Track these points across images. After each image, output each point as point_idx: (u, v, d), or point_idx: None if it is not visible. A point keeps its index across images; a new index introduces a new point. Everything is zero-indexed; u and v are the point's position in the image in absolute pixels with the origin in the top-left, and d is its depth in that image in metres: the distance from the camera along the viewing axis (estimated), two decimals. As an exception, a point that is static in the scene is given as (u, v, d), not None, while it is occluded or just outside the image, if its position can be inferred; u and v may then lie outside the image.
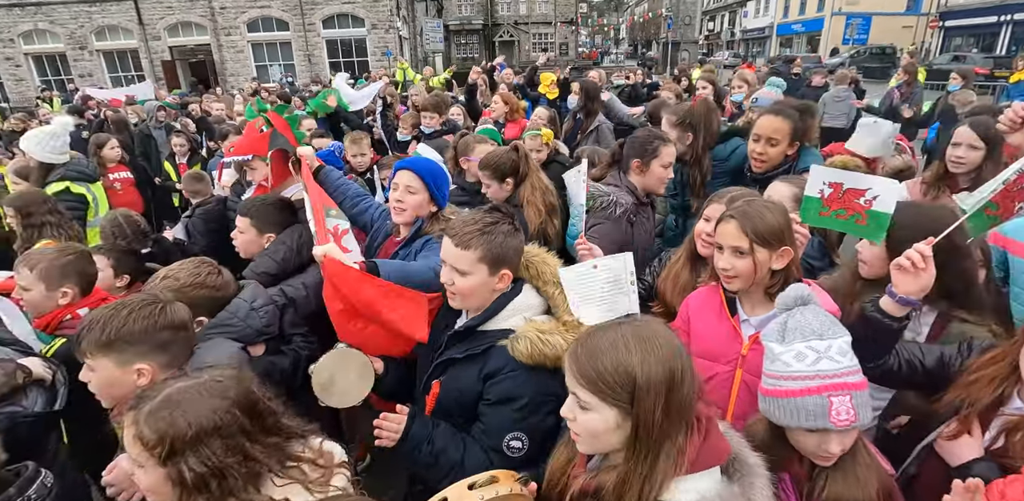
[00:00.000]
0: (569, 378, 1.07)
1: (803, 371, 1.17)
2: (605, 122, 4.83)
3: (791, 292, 1.27)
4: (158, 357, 1.44)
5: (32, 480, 1.22)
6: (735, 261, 1.56)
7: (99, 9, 22.70)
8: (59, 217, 3.01)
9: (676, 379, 1.00)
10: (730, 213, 1.58)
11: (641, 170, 2.50)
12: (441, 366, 1.60)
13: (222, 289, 1.91)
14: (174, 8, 22.92)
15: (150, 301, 1.48)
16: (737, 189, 2.01)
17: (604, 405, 1.02)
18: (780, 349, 1.21)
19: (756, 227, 1.53)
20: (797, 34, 38.47)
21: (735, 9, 46.71)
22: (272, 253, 2.35)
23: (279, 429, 1.16)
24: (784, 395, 1.17)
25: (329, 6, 23.46)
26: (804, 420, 1.15)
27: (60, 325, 2.01)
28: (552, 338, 1.46)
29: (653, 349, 1.01)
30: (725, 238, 1.58)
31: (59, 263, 2.02)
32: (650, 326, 1.07)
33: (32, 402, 1.58)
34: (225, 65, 23.64)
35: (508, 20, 38.42)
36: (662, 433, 1.00)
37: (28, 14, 22.58)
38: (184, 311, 1.53)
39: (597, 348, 1.04)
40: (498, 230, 1.51)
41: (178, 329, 1.48)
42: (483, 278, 1.51)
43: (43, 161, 3.77)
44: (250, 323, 1.89)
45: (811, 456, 1.22)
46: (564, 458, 1.22)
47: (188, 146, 5.71)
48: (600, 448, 1.10)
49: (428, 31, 28.76)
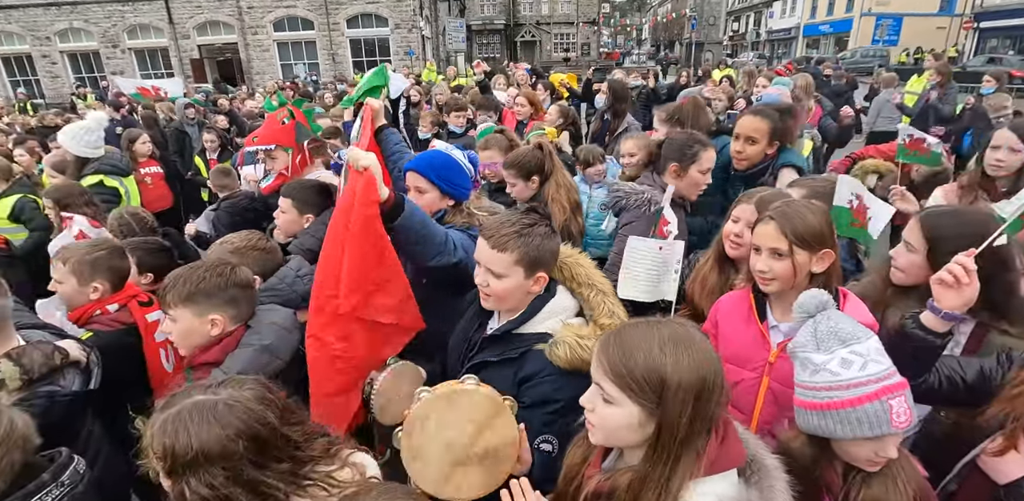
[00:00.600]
0: (596, 368, 1.06)
1: (856, 378, 1.12)
2: (634, 123, 4.82)
3: (811, 299, 1.23)
4: (228, 310, 1.67)
5: (65, 466, 1.23)
6: (773, 263, 1.51)
7: (131, 8, 23.30)
8: (94, 209, 3.08)
9: (706, 387, 0.98)
10: (769, 214, 1.53)
11: (678, 174, 2.41)
12: (474, 368, 1.57)
13: (271, 252, 2.15)
14: (203, 7, 23.42)
15: (222, 263, 1.73)
16: (765, 189, 1.97)
17: (629, 401, 1.00)
18: (822, 358, 1.16)
19: (796, 228, 1.48)
20: (824, 35, 37.74)
21: (761, 10, 45.98)
22: (314, 232, 2.44)
23: (294, 456, 1.12)
24: (842, 406, 1.12)
25: (353, 6, 23.73)
26: (868, 429, 1.10)
27: (90, 319, 2.04)
28: (590, 343, 1.42)
29: (687, 354, 0.99)
30: (763, 239, 1.53)
31: (90, 258, 2.04)
32: (687, 330, 1.04)
33: (69, 382, 1.61)
34: (251, 63, 24.06)
35: (530, 20, 38.44)
36: (685, 438, 0.98)
37: (64, 13, 23.26)
38: (248, 274, 1.75)
39: (631, 344, 1.02)
40: (535, 232, 1.49)
41: (244, 287, 1.72)
42: (519, 281, 1.49)
43: (78, 155, 3.88)
44: (296, 289, 2.05)
45: (860, 463, 1.18)
46: (579, 456, 1.21)
47: (218, 142, 5.82)
48: (614, 442, 1.09)
49: (451, 31, 28.90)
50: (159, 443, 1.03)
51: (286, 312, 1.85)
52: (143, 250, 2.50)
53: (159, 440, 1.04)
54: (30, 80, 24.06)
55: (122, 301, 2.09)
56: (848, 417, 1.12)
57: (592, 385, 1.08)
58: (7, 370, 1.49)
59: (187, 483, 1.02)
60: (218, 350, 1.67)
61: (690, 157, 2.38)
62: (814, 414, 1.17)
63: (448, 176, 2.08)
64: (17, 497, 1.13)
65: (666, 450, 0.98)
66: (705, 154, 2.40)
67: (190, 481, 1.02)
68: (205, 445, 1.02)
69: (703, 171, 2.42)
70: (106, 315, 2.04)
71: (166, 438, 1.03)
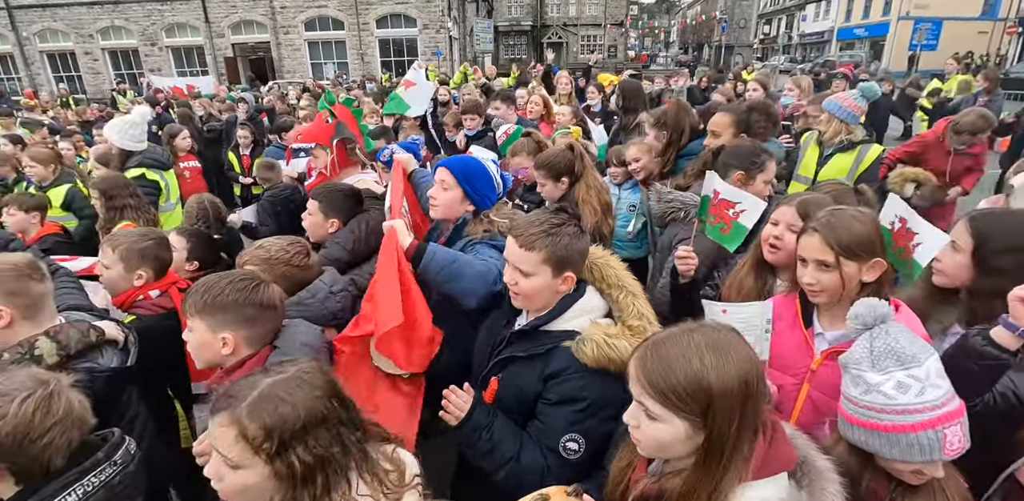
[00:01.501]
0: (636, 387, 1.03)
1: (912, 404, 1.08)
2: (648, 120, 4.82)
3: (866, 309, 1.18)
4: (242, 330, 1.52)
5: (118, 446, 1.29)
6: (820, 275, 1.47)
7: (169, 7, 23.98)
8: (138, 201, 3.20)
9: (751, 389, 0.97)
10: (813, 225, 1.49)
11: (743, 183, 2.31)
12: (501, 363, 1.60)
13: (305, 270, 1.97)
14: (238, 7, 23.96)
15: (249, 278, 1.57)
16: (806, 193, 1.94)
17: (675, 417, 0.98)
18: (877, 379, 1.12)
19: (842, 239, 1.44)
20: (859, 39, 36.82)
21: (793, 12, 45.12)
22: (343, 241, 2.45)
23: (363, 424, 1.17)
24: (894, 430, 1.09)
25: (383, 6, 24.02)
26: (918, 455, 1.08)
27: (133, 304, 2.13)
28: (618, 342, 1.44)
29: (728, 360, 0.97)
30: (808, 251, 1.49)
31: (138, 247, 2.14)
32: (722, 334, 1.02)
33: (108, 360, 1.68)
34: (283, 62, 24.53)
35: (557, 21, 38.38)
36: (734, 444, 0.97)
37: (106, 11, 24.05)
38: (277, 294, 1.59)
39: (669, 359, 0.99)
40: (563, 232, 1.49)
41: (265, 308, 1.55)
42: (546, 280, 1.50)
43: (123, 148, 4.02)
44: (327, 306, 1.95)
45: (904, 477, 1.15)
46: (625, 461, 1.21)
47: (251, 138, 5.97)
48: (662, 455, 1.07)
49: (478, 31, 29.03)
50: (259, 426, 1.02)
51: (314, 331, 1.75)
52: (197, 238, 2.59)
53: (257, 424, 1.02)
54: (73, 76, 24.94)
55: (163, 287, 2.19)
56: (899, 441, 1.09)
57: (633, 402, 1.06)
58: (44, 346, 1.57)
59: (295, 454, 1.02)
60: (243, 372, 1.47)
61: (758, 166, 2.31)
62: (861, 430, 1.14)
63: (476, 183, 2.09)
64: (74, 474, 1.19)
65: (716, 457, 0.97)
66: (771, 164, 2.35)
67: (298, 451, 1.03)
68: (309, 409, 1.05)
69: (767, 181, 2.35)
70: (148, 300, 2.13)
71: (266, 417, 1.03)
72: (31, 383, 1.18)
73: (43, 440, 1.14)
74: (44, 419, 1.14)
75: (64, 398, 1.20)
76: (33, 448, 1.14)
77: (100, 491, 1.20)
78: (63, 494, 1.15)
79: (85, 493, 1.18)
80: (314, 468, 1.04)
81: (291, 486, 1.04)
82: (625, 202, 3.50)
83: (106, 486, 1.21)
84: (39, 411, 1.14)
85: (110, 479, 1.22)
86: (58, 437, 1.16)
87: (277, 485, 1.05)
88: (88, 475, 1.20)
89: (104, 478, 1.22)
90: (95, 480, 1.20)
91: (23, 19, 23.99)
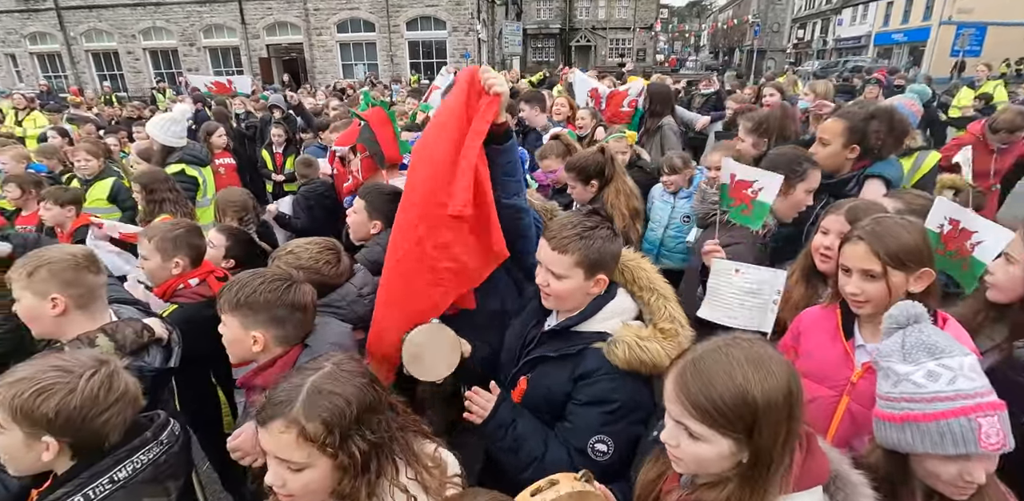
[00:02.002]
0: (675, 407, 1.00)
1: (942, 391, 1.04)
2: (670, 124, 4.77)
3: (903, 310, 1.15)
4: (272, 329, 1.55)
5: (164, 427, 1.34)
6: (865, 285, 1.43)
7: (208, 9, 24.71)
8: (176, 195, 3.32)
9: (794, 403, 0.95)
10: (858, 233, 1.45)
11: (784, 192, 2.22)
12: (530, 363, 1.60)
13: (333, 279, 1.98)
14: (273, 9, 24.57)
15: (283, 277, 1.60)
16: (855, 200, 1.89)
17: (718, 436, 0.96)
18: (906, 369, 1.08)
19: (889, 248, 1.39)
20: (898, 44, 35.82)
21: (829, 16, 44.15)
22: (384, 244, 2.45)
23: (406, 411, 1.20)
24: (924, 419, 1.04)
25: (413, 8, 24.33)
26: (951, 446, 1.02)
27: (174, 294, 2.21)
28: (650, 345, 1.43)
29: (770, 374, 0.94)
30: (853, 260, 1.45)
31: (171, 236, 2.22)
32: (759, 347, 0.99)
33: (152, 359, 1.73)
34: (315, 63, 25.04)
35: (586, 25, 38.31)
36: (780, 459, 0.95)
37: (148, 13, 24.92)
38: (309, 295, 1.62)
39: (710, 377, 0.96)
40: (596, 235, 1.49)
41: (296, 309, 1.57)
42: (579, 282, 1.50)
43: (164, 144, 4.16)
44: (355, 309, 1.97)
45: (944, 488, 1.09)
46: (655, 472, 1.19)
47: (285, 136, 6.11)
48: (702, 472, 1.05)
49: (507, 34, 29.17)
50: (319, 423, 1.04)
51: (344, 330, 1.78)
52: (236, 237, 2.66)
53: (317, 421, 1.04)
54: (115, 75, 25.89)
55: (202, 276, 2.26)
56: (928, 430, 1.04)
57: (670, 421, 1.03)
58: (104, 344, 1.62)
59: (354, 443, 1.06)
60: (275, 372, 1.54)
61: (799, 174, 2.22)
62: (893, 427, 1.09)
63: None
64: (125, 450, 1.24)
65: (762, 473, 0.95)
66: (813, 173, 2.25)
67: (356, 440, 1.06)
68: (359, 397, 1.09)
69: (809, 190, 2.26)
70: (188, 289, 2.21)
71: (324, 413, 1.05)
72: (92, 362, 1.23)
73: (104, 416, 1.19)
74: (107, 395, 1.20)
75: (123, 377, 1.26)
76: (95, 423, 1.19)
77: (148, 469, 1.25)
78: (114, 470, 1.20)
79: (135, 469, 1.23)
80: (369, 455, 1.08)
81: (352, 476, 1.07)
82: (679, 212, 3.38)
83: (153, 464, 1.26)
84: (103, 387, 1.19)
85: (157, 458, 1.27)
86: (117, 414, 1.21)
87: (338, 477, 1.08)
88: (138, 452, 1.25)
89: (152, 456, 1.26)
90: (143, 458, 1.25)
91: (71, 19, 25.02)
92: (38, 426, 1.15)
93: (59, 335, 1.68)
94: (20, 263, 1.65)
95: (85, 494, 1.16)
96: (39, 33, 25.53)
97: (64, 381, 1.16)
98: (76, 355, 1.26)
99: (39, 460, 1.19)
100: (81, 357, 1.25)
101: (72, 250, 1.73)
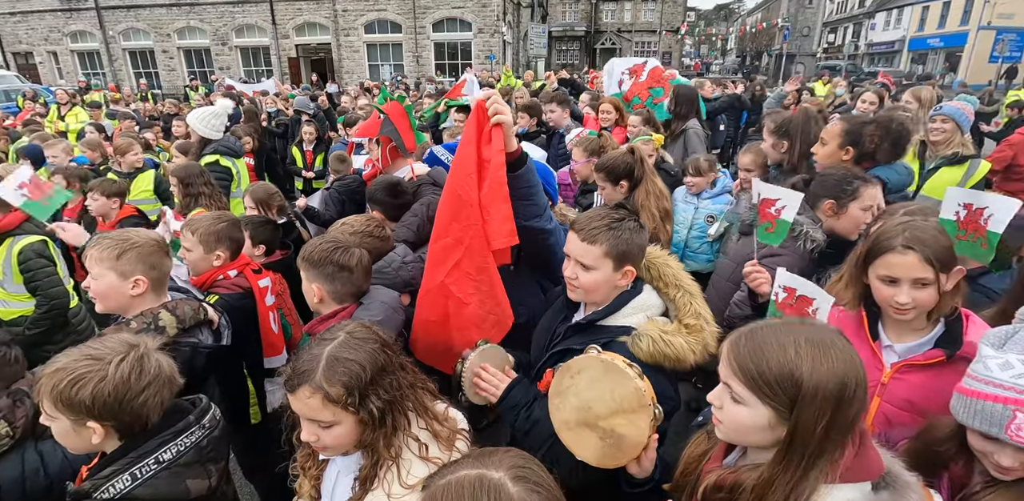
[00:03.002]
0: (724, 367, 1.04)
1: (999, 379, 1.08)
2: (695, 128, 4.70)
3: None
4: (324, 284, 1.81)
5: (206, 411, 1.39)
6: (917, 293, 1.42)
7: (240, 9, 25.31)
8: (211, 189, 3.41)
9: (847, 395, 0.94)
10: (905, 243, 1.42)
11: (834, 211, 2.24)
12: (556, 356, 1.63)
13: (385, 240, 2.28)
14: (303, 10, 25.04)
15: (335, 242, 1.85)
16: (910, 203, 1.87)
17: (759, 403, 0.98)
18: (990, 353, 1.13)
19: (938, 253, 1.39)
20: (933, 49, 34.90)
21: (861, 20, 43.23)
22: (408, 224, 2.63)
23: (414, 371, 1.31)
24: (972, 395, 1.11)
25: (440, 10, 24.55)
26: (979, 423, 1.09)
27: (213, 284, 2.28)
28: (674, 339, 1.45)
29: (827, 358, 0.94)
30: (905, 271, 1.42)
31: (215, 229, 2.30)
32: (826, 332, 1.00)
33: (205, 339, 1.82)
34: (342, 63, 25.44)
35: (611, 27, 38.13)
36: (819, 447, 0.95)
37: (183, 13, 25.63)
38: (356, 258, 1.83)
39: (764, 344, 0.99)
40: (624, 226, 1.52)
41: (342, 268, 1.80)
42: (607, 273, 1.52)
43: (203, 136, 4.31)
44: (401, 274, 2.19)
45: (988, 465, 1.14)
46: (700, 450, 1.21)
47: (315, 134, 6.24)
48: (741, 441, 1.08)
49: (533, 36, 29.21)
50: (340, 386, 1.16)
51: (392, 293, 1.99)
52: (254, 224, 2.76)
53: (338, 385, 1.16)
54: (151, 72, 26.68)
55: (239, 268, 2.34)
56: (971, 405, 1.10)
57: (720, 384, 1.07)
58: (166, 318, 1.71)
59: (371, 402, 1.18)
60: (335, 322, 1.75)
61: (850, 194, 2.21)
62: (955, 395, 1.15)
63: (547, 178, 2.23)
64: (170, 433, 1.29)
65: (798, 455, 0.96)
66: (867, 190, 2.21)
67: (372, 400, 1.18)
68: (371, 361, 1.19)
69: (865, 208, 2.21)
70: (228, 280, 2.28)
71: (342, 377, 1.16)
72: (122, 347, 1.28)
73: (140, 399, 1.25)
74: (139, 379, 1.25)
75: (154, 359, 1.31)
76: (132, 406, 1.24)
77: (191, 452, 1.30)
78: (160, 451, 1.26)
79: (178, 452, 1.28)
80: (384, 411, 1.19)
81: (372, 428, 1.19)
82: (703, 212, 3.40)
83: (196, 447, 1.31)
84: (133, 372, 1.25)
85: (199, 441, 1.32)
86: (152, 396, 1.27)
87: (361, 430, 1.20)
88: (181, 435, 1.30)
89: (194, 439, 1.31)
90: (187, 441, 1.30)
91: (109, 19, 25.87)
92: (80, 413, 1.22)
93: (125, 312, 1.78)
94: (105, 244, 1.73)
95: (132, 473, 1.23)
96: (80, 32, 26.45)
97: (96, 369, 1.22)
98: (105, 342, 1.31)
99: (90, 442, 1.26)
100: (110, 343, 1.30)
101: (152, 235, 1.84)
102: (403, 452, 1.21)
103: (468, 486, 0.86)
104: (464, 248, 1.83)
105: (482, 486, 0.85)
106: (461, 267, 1.85)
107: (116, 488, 1.21)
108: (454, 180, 1.85)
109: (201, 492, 1.31)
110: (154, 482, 1.24)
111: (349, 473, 1.28)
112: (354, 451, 1.26)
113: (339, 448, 1.24)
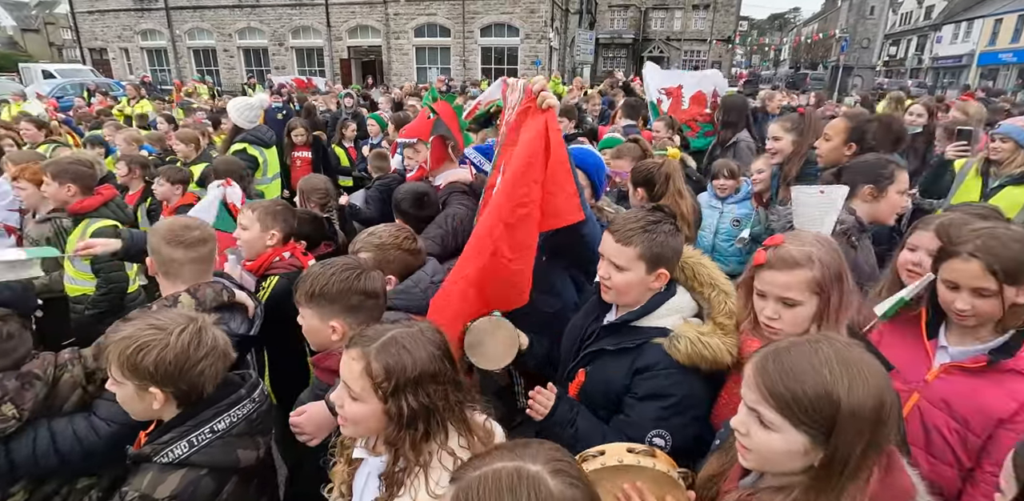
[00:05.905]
0: (751, 393, 0.98)
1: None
2: (746, 139, 4.64)
3: None
4: (348, 318, 1.58)
5: (256, 386, 1.46)
6: (977, 302, 1.38)
7: (297, 12, 26.31)
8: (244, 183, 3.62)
9: (885, 413, 0.90)
10: (971, 250, 1.38)
11: (874, 197, 2.26)
12: (589, 356, 1.63)
13: (415, 254, 2.05)
14: (356, 13, 25.81)
15: (352, 266, 1.62)
16: (945, 215, 1.80)
17: (792, 429, 0.93)
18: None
19: (1007, 265, 1.33)
20: (1005, 65, 32.99)
21: (927, 33, 41.30)
22: (432, 237, 2.60)
23: (463, 387, 1.25)
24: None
25: (489, 15, 24.85)
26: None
27: (270, 266, 2.41)
28: (711, 340, 1.43)
29: (862, 377, 0.90)
30: (964, 278, 1.39)
31: (272, 210, 2.46)
32: (855, 350, 0.96)
33: (237, 326, 1.89)
34: (391, 65, 26.07)
35: (660, 35, 37.71)
36: (855, 469, 0.91)
37: (245, 14, 26.84)
38: (379, 281, 1.64)
39: (795, 367, 0.93)
40: (660, 229, 1.51)
41: (368, 296, 1.59)
42: (640, 275, 1.52)
43: (237, 124, 4.58)
44: (429, 295, 1.97)
45: None
46: (715, 468, 1.17)
47: (358, 133, 6.42)
48: (771, 468, 1.02)
49: (580, 43, 29.19)
50: (382, 366, 1.14)
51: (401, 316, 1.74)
52: (300, 219, 2.86)
53: (381, 363, 1.14)
54: (212, 70, 28.01)
55: (292, 250, 2.48)
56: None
57: (743, 408, 1.01)
58: (185, 300, 1.80)
59: (406, 399, 1.14)
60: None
61: (887, 177, 2.23)
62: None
63: (594, 173, 2.29)
64: (224, 404, 1.37)
65: (834, 479, 0.91)
66: (900, 174, 2.25)
67: (407, 397, 1.15)
68: (424, 363, 1.16)
69: (901, 192, 2.25)
70: (283, 261, 2.41)
71: (389, 359, 1.15)
72: (183, 319, 1.36)
73: (197, 368, 1.32)
74: (198, 349, 1.32)
75: (211, 332, 1.38)
76: (190, 375, 1.31)
77: (243, 423, 1.37)
78: (215, 421, 1.33)
79: (231, 423, 1.35)
80: (418, 415, 1.15)
81: (397, 427, 1.16)
82: (728, 216, 3.43)
83: (247, 419, 1.38)
84: (192, 342, 1.32)
85: (250, 413, 1.39)
86: (209, 367, 1.34)
87: (385, 422, 1.17)
88: (234, 407, 1.37)
89: (246, 412, 1.39)
90: (239, 413, 1.37)
91: (177, 18, 27.35)
92: (144, 378, 1.29)
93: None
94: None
95: (189, 440, 1.30)
96: (149, 30, 28.06)
97: (159, 337, 1.30)
98: (168, 313, 1.39)
99: (151, 408, 1.33)
100: (172, 315, 1.38)
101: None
102: (432, 461, 1.15)
103: (506, 478, 0.81)
104: (526, 216, 1.78)
105: (520, 479, 0.80)
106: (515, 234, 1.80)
107: (174, 453, 1.28)
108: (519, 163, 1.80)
109: (250, 462, 1.37)
110: (209, 450, 1.30)
111: (380, 474, 1.24)
112: (383, 449, 1.23)
113: (357, 428, 1.22)
